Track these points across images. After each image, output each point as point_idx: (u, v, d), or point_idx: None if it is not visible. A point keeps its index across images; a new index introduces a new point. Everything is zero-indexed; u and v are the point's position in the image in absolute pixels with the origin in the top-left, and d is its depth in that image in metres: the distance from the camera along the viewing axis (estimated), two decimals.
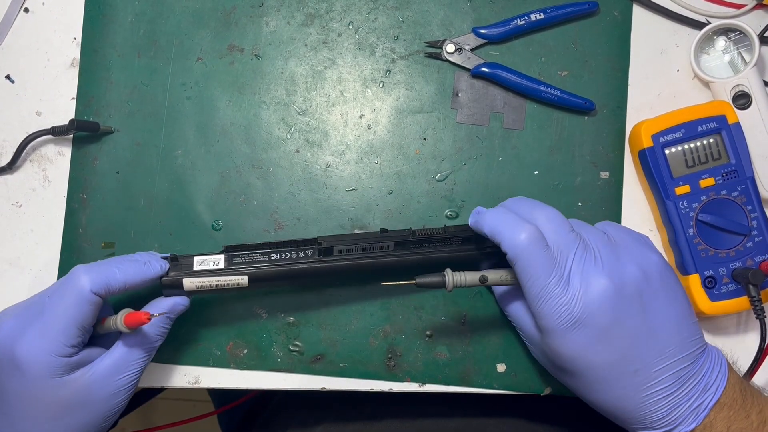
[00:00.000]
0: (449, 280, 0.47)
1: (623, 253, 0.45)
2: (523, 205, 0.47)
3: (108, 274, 0.46)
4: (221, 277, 0.49)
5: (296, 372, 0.55)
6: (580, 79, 0.57)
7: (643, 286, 0.44)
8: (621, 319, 0.43)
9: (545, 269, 0.43)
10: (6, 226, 0.57)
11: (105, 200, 0.57)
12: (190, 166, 0.57)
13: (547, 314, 0.44)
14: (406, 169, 0.57)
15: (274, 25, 0.58)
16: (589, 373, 0.44)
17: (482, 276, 0.47)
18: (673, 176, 0.53)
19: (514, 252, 0.44)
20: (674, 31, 0.58)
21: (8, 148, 0.57)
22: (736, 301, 0.53)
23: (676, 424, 0.44)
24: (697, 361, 0.45)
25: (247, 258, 0.50)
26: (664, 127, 0.53)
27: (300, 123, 0.57)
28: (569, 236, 0.45)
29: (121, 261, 0.48)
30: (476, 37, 0.57)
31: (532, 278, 0.44)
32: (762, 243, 0.53)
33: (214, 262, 0.50)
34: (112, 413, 0.48)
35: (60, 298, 0.45)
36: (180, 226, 0.56)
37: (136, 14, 0.58)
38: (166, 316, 0.49)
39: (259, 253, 0.50)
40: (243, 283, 0.49)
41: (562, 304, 0.43)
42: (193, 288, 0.49)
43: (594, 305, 0.43)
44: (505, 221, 0.46)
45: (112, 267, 0.47)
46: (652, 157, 0.53)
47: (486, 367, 0.55)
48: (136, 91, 0.57)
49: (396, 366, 0.55)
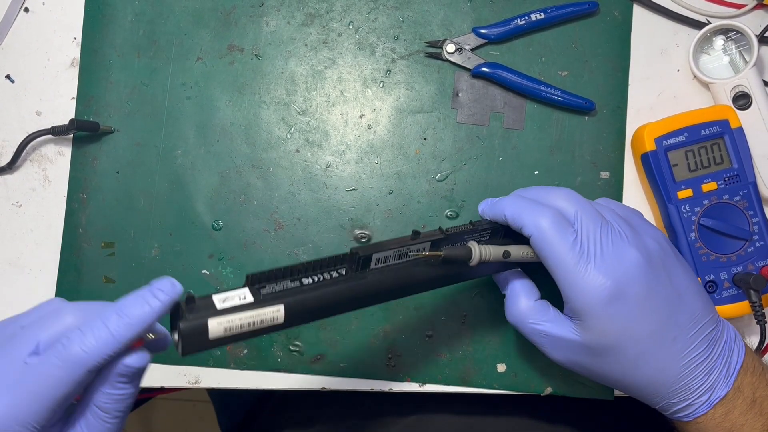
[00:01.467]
0: (476, 252, 0.44)
1: (637, 228, 0.46)
2: (538, 191, 0.47)
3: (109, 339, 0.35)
4: (253, 311, 0.38)
5: (296, 372, 0.55)
6: (580, 79, 0.57)
7: (663, 256, 0.45)
8: (654, 287, 0.43)
9: (573, 248, 0.43)
10: (6, 226, 0.57)
11: (105, 200, 0.57)
12: (190, 166, 0.57)
13: (582, 292, 0.43)
14: (406, 169, 0.57)
15: (274, 24, 0.58)
16: (633, 346, 0.44)
17: (505, 251, 0.45)
18: (676, 180, 0.53)
19: (539, 234, 0.44)
20: (674, 31, 0.58)
21: (8, 148, 0.57)
22: (737, 306, 0.53)
23: (712, 390, 0.44)
24: (719, 325, 0.46)
25: (275, 287, 0.40)
26: (667, 130, 0.53)
27: (300, 123, 0.57)
28: (592, 213, 0.44)
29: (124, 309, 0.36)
30: (476, 37, 0.57)
31: (560, 259, 0.43)
32: (763, 248, 0.53)
33: (240, 297, 0.39)
34: None
35: (49, 368, 0.35)
36: (180, 226, 0.56)
37: (136, 14, 0.58)
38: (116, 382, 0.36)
39: (287, 280, 0.41)
40: (279, 318, 0.39)
41: (597, 279, 0.42)
42: (221, 333, 0.38)
43: (628, 276, 0.43)
44: (524, 206, 0.45)
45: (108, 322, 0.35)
46: (655, 160, 0.53)
47: (486, 367, 0.55)
48: (136, 91, 0.57)
49: (396, 366, 0.55)
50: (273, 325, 0.39)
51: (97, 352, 0.35)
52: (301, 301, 0.40)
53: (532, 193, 0.47)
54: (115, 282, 0.56)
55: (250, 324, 0.38)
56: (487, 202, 0.48)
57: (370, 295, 0.43)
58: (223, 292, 0.39)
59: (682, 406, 0.45)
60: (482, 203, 0.49)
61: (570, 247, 0.43)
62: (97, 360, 0.35)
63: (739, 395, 0.44)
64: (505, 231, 0.48)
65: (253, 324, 0.38)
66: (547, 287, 0.48)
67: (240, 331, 0.38)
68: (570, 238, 0.43)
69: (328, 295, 0.41)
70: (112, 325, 0.35)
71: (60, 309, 0.37)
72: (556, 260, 0.43)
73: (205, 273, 0.56)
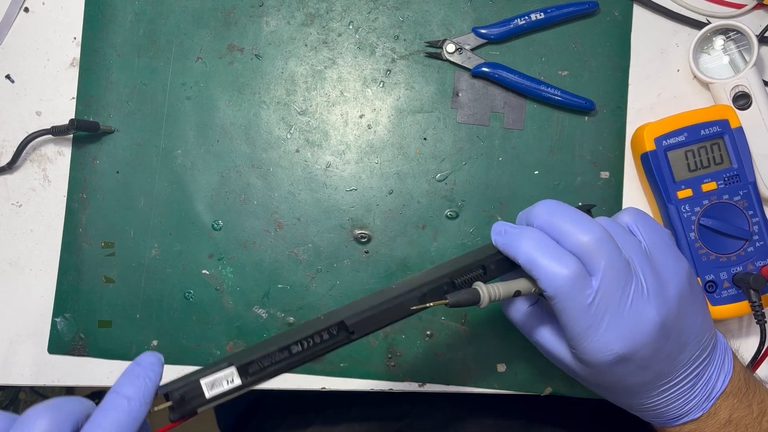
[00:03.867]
0: (484, 295, 0.41)
1: (661, 269, 0.41)
2: (563, 223, 0.41)
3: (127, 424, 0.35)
4: (243, 390, 0.39)
5: (296, 372, 0.55)
6: (580, 79, 0.57)
7: (680, 306, 0.41)
8: (662, 347, 0.41)
9: (588, 309, 0.39)
10: (6, 226, 0.57)
11: (105, 200, 0.57)
12: (190, 166, 0.57)
13: (589, 353, 0.41)
14: (406, 169, 0.57)
15: (274, 24, 0.58)
16: (621, 389, 0.44)
17: (516, 291, 0.42)
18: (675, 180, 0.53)
19: (555, 292, 0.39)
20: (674, 31, 0.58)
21: (8, 148, 0.57)
22: (737, 306, 0.53)
23: (686, 415, 0.44)
24: (712, 354, 0.44)
25: (265, 362, 0.40)
26: (667, 130, 0.53)
27: (300, 123, 0.57)
28: (619, 266, 0.40)
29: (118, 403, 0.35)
30: (476, 37, 0.57)
31: (574, 320, 0.40)
32: (763, 248, 0.53)
33: (227, 380, 0.39)
34: None
35: None
36: (180, 225, 0.56)
37: (136, 14, 0.58)
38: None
39: (277, 352, 0.40)
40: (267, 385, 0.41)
41: (607, 345, 0.40)
42: (210, 407, 0.39)
43: (640, 342, 0.40)
44: (543, 251, 0.40)
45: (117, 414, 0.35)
46: (655, 160, 0.53)
47: (486, 367, 0.55)
48: (136, 90, 0.57)
49: (396, 366, 0.55)
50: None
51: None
52: (289, 366, 0.40)
53: (556, 222, 0.41)
54: (115, 282, 0.56)
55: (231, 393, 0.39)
56: (499, 233, 0.43)
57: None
58: (210, 374, 0.39)
59: (653, 422, 0.46)
60: (495, 232, 0.43)
61: (585, 309, 0.39)
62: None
63: (712, 417, 0.44)
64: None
65: (231, 393, 0.39)
66: None
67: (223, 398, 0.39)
68: (587, 299, 0.39)
69: (318, 355, 0.41)
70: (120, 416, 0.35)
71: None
72: (568, 319, 0.40)
73: (205, 273, 0.56)
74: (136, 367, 0.37)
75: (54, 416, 0.33)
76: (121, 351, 0.55)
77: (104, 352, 0.55)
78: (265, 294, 0.55)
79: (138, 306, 0.56)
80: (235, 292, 0.56)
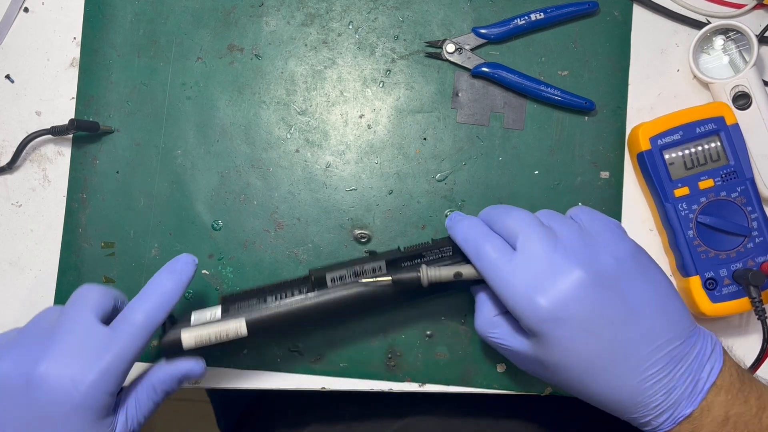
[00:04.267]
0: (424, 275, 0.47)
1: (596, 242, 0.44)
2: (497, 213, 0.48)
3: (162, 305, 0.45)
4: (219, 325, 0.47)
5: (296, 372, 0.55)
6: (580, 79, 0.57)
7: (619, 272, 0.43)
8: (600, 307, 0.42)
9: (514, 275, 0.43)
10: (6, 226, 0.57)
11: (105, 200, 0.57)
12: (189, 166, 0.57)
13: (523, 314, 0.43)
14: (406, 169, 0.57)
15: (274, 24, 0.58)
16: (577, 365, 0.43)
17: (457, 272, 0.47)
18: (672, 178, 0.53)
19: (480, 264, 0.45)
20: (674, 31, 0.58)
21: (8, 148, 0.57)
22: (738, 303, 0.53)
23: (674, 408, 0.43)
24: (689, 341, 0.44)
25: (243, 305, 0.48)
26: (662, 129, 0.53)
27: (300, 123, 0.57)
28: (540, 234, 0.44)
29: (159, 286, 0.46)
30: (476, 37, 0.57)
31: (504, 288, 0.44)
32: (762, 244, 0.53)
33: (211, 314, 0.48)
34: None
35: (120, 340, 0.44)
36: (180, 225, 0.56)
37: (136, 14, 0.58)
38: (179, 379, 0.48)
39: (254, 299, 0.48)
40: (242, 330, 0.47)
41: (535, 301, 0.42)
42: (193, 344, 0.47)
43: (568, 297, 0.42)
44: (473, 232, 0.47)
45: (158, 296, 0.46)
46: (651, 159, 0.53)
47: (486, 367, 0.55)
48: (136, 90, 0.57)
49: (396, 366, 0.55)
50: (238, 337, 0.47)
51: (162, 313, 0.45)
52: (263, 316, 0.47)
53: (492, 214, 0.48)
54: (115, 282, 0.56)
55: (217, 336, 0.47)
56: (450, 219, 0.50)
57: (330, 311, 0.48)
58: (201, 310, 0.48)
59: (643, 421, 0.44)
60: (448, 218, 0.50)
61: (511, 274, 0.43)
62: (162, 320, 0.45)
63: (707, 414, 0.43)
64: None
65: (219, 336, 0.47)
66: None
67: (209, 341, 0.47)
68: (510, 263, 0.44)
69: (288, 311, 0.48)
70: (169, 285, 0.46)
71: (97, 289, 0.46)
72: (501, 288, 0.44)
73: (205, 273, 0.56)
74: (175, 263, 0.47)
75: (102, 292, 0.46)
76: None
77: None
78: None
79: None
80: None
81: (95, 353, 0.43)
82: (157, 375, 0.47)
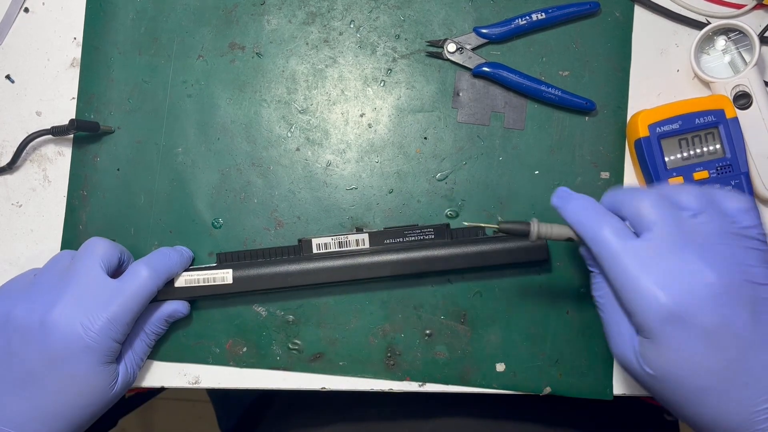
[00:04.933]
0: (534, 228, 0.44)
1: (742, 244, 0.39)
2: (624, 196, 0.43)
3: (167, 269, 0.51)
4: (208, 272, 0.53)
5: (295, 370, 0.55)
6: (581, 79, 0.57)
7: (759, 292, 0.38)
8: (730, 321, 0.38)
9: (635, 266, 0.39)
10: (6, 226, 0.57)
11: (105, 197, 0.57)
12: (190, 164, 0.57)
13: (640, 312, 0.39)
14: (406, 168, 0.57)
15: (275, 23, 0.58)
16: (691, 379, 0.39)
17: (569, 237, 0.44)
18: (668, 167, 0.53)
19: (597, 248, 0.41)
20: (674, 32, 0.58)
21: (8, 148, 0.57)
22: None
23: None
24: None
25: (234, 259, 0.54)
26: (661, 117, 0.53)
27: (301, 121, 0.57)
28: (670, 222, 0.40)
29: (165, 253, 0.52)
30: (477, 37, 0.57)
31: (619, 276, 0.40)
32: None
33: (207, 265, 0.54)
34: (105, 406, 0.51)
35: (127, 292, 0.49)
36: (180, 223, 0.56)
37: (138, 12, 0.58)
38: (165, 319, 0.53)
39: (248, 261, 0.54)
40: (228, 278, 0.52)
41: (654, 292, 0.38)
42: (183, 283, 0.52)
43: (693, 299, 0.38)
44: (588, 212, 0.42)
45: (165, 260, 0.51)
46: (648, 146, 0.53)
47: (485, 366, 0.55)
48: (137, 88, 0.57)
49: (395, 365, 0.55)
50: (224, 284, 0.52)
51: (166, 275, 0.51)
52: (248, 270, 0.53)
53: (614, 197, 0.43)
54: None
55: (206, 279, 0.52)
56: (557, 194, 0.45)
57: (310, 274, 0.52)
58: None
59: None
60: (555, 193, 0.45)
61: (631, 262, 0.39)
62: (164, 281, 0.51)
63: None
64: (452, 232, 0.54)
65: (207, 279, 0.52)
66: None
67: (197, 283, 0.52)
68: (632, 251, 0.39)
69: (272, 268, 0.53)
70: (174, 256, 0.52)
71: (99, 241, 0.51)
72: (615, 273, 0.40)
73: None
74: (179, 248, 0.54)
75: (109, 245, 0.51)
76: None
77: None
78: (265, 293, 0.55)
79: None
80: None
81: (103, 303, 0.48)
82: (148, 320, 0.52)
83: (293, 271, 0.52)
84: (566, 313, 0.55)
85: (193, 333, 0.55)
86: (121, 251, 0.52)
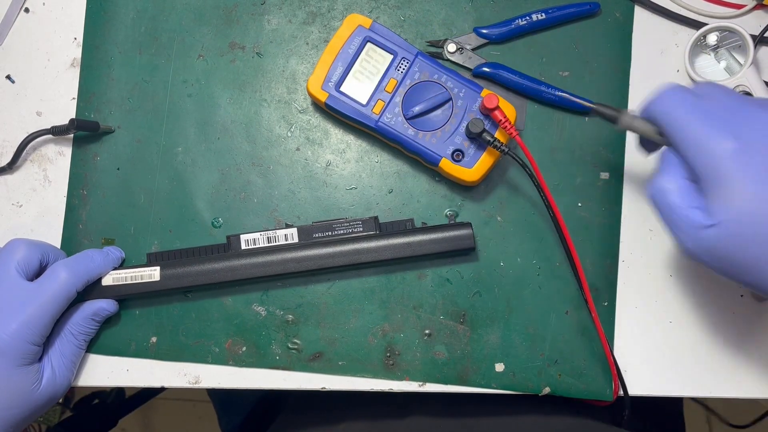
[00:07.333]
0: (623, 117, 0.46)
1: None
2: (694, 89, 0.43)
3: (88, 271, 0.51)
4: (135, 270, 0.53)
5: (295, 370, 0.55)
6: (581, 79, 0.57)
7: None
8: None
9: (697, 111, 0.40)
10: (6, 226, 0.57)
11: (105, 196, 0.57)
12: (190, 163, 0.57)
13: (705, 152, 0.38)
14: (406, 168, 0.57)
15: (275, 23, 0.58)
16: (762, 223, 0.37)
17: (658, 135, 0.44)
18: (363, 104, 0.54)
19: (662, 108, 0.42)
20: (674, 32, 0.58)
21: (8, 148, 0.57)
22: (486, 154, 0.53)
23: None
24: None
25: (164, 258, 0.55)
26: (325, 71, 0.54)
27: (301, 121, 0.57)
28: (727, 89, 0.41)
29: (88, 255, 0.52)
30: (477, 37, 0.57)
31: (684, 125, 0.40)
32: (467, 95, 0.53)
33: (139, 264, 0.54)
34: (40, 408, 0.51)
35: (43, 294, 0.49)
36: (180, 222, 0.56)
37: (138, 11, 0.58)
38: (91, 318, 0.53)
39: (176, 259, 0.54)
40: (155, 276, 0.53)
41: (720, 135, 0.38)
42: (111, 281, 0.53)
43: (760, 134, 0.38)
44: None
45: (87, 262, 0.51)
46: (336, 104, 0.54)
47: (484, 366, 0.55)
48: (137, 88, 0.58)
49: (395, 365, 0.55)
50: (151, 281, 0.53)
51: (86, 276, 0.51)
52: (176, 267, 0.53)
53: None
54: None
55: (133, 276, 0.53)
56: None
57: (237, 270, 0.53)
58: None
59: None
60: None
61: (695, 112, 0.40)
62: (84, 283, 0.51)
63: None
64: (382, 226, 0.55)
65: (134, 277, 0.53)
66: None
67: (125, 281, 0.53)
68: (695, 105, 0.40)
69: (200, 266, 0.53)
70: (97, 257, 0.52)
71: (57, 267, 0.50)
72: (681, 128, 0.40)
73: None
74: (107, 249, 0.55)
75: (28, 248, 0.50)
76: (120, 347, 0.55)
77: (103, 348, 0.55)
78: (264, 292, 0.55)
79: (137, 302, 0.56)
80: (234, 289, 0.56)
81: (18, 306, 0.48)
82: (71, 320, 0.52)
83: (220, 268, 0.53)
84: (566, 313, 0.55)
85: (192, 332, 0.55)
86: (43, 252, 0.51)
